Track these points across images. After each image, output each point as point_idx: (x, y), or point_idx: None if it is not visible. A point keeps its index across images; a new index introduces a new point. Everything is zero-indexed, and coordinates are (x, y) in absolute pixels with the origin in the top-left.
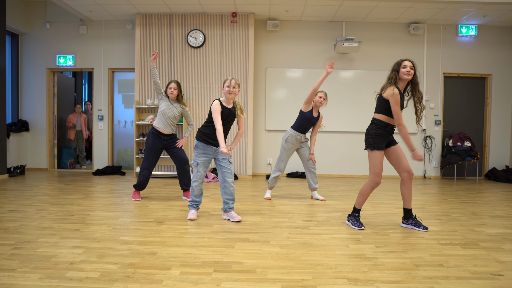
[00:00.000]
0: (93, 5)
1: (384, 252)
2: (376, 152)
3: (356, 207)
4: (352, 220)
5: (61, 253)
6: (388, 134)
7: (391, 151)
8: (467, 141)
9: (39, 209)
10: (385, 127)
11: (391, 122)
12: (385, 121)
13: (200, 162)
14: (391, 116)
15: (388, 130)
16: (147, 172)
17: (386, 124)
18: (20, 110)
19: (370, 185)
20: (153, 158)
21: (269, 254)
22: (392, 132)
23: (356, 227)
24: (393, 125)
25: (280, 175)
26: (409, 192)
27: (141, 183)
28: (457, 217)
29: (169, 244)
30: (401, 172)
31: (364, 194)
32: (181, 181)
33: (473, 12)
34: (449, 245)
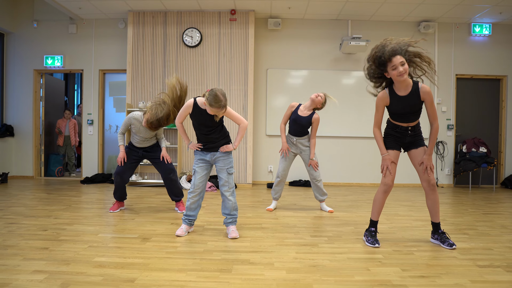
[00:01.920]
0: (83, 2)
1: (413, 277)
2: (385, 156)
3: (372, 219)
4: (367, 236)
5: (17, 281)
6: (402, 135)
7: (412, 154)
8: (482, 146)
9: (9, 222)
10: (395, 128)
11: (402, 125)
12: (393, 122)
13: (197, 169)
14: (397, 120)
15: (399, 131)
16: (120, 179)
17: (395, 125)
18: (4, 114)
19: (382, 188)
20: (126, 166)
21: (274, 280)
22: (408, 133)
23: (370, 244)
24: (406, 127)
25: (280, 181)
26: (434, 204)
27: (115, 191)
28: (486, 231)
29: (152, 268)
30: (421, 181)
31: (377, 201)
32: (169, 192)
33: (488, 8)
34: (489, 268)
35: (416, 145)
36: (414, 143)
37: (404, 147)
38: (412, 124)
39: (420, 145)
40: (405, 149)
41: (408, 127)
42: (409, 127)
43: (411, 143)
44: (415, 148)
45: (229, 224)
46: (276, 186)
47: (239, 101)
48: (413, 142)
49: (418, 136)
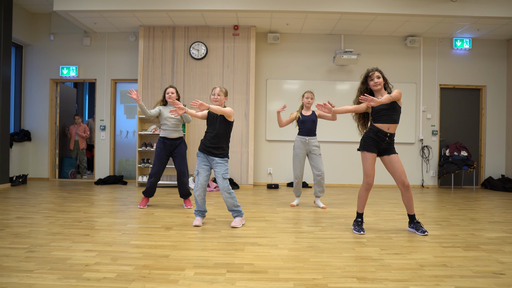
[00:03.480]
0: (98, 18)
1: (389, 254)
2: (366, 153)
3: (358, 211)
4: (354, 225)
5: (75, 256)
6: (380, 140)
7: (386, 160)
8: (463, 150)
9: (47, 216)
10: (376, 132)
11: (384, 129)
12: (377, 127)
13: (200, 170)
14: (382, 122)
15: (380, 136)
16: (154, 179)
17: (378, 129)
18: (22, 120)
19: (364, 186)
20: (159, 165)
21: (279, 256)
22: (386, 139)
23: (356, 232)
24: (386, 132)
25: (299, 181)
26: (409, 201)
27: (147, 189)
28: (456, 222)
29: (180, 248)
30: (397, 183)
31: (361, 197)
32: (179, 191)
33: (467, 26)
34: (451, 248)
35: (389, 152)
36: (388, 150)
37: (379, 152)
38: (393, 128)
39: (393, 153)
40: (379, 155)
41: (388, 133)
42: (388, 133)
43: (385, 149)
44: (387, 155)
45: (235, 217)
46: (296, 186)
47: (241, 109)
48: (387, 149)
49: (392, 144)
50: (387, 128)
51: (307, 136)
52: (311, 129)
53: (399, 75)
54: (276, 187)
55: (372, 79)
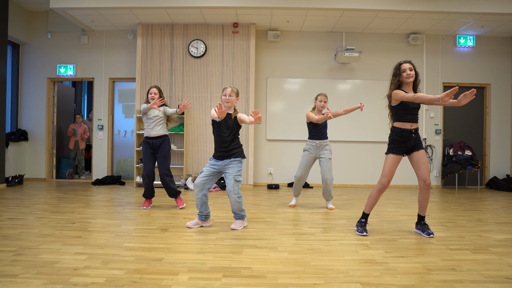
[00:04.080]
0: (95, 15)
1: (394, 257)
2: (390, 155)
3: (365, 211)
4: (357, 226)
5: (64, 259)
6: (406, 140)
7: (412, 157)
8: (467, 150)
9: (39, 217)
10: (400, 132)
11: (407, 127)
12: (399, 127)
13: (204, 169)
14: (405, 121)
15: (405, 135)
16: (147, 180)
17: (401, 130)
18: (19, 119)
19: (378, 187)
20: (149, 165)
21: (278, 259)
22: (411, 136)
23: (359, 233)
24: (410, 129)
25: (298, 180)
26: (424, 201)
27: (145, 191)
28: (463, 223)
29: (175, 251)
30: (418, 180)
31: (372, 197)
32: (166, 191)
33: (471, 23)
34: (459, 250)
35: (417, 148)
36: (416, 146)
37: (407, 151)
38: (415, 124)
39: (421, 148)
40: (408, 153)
41: (412, 129)
42: (413, 129)
43: (414, 146)
44: (417, 151)
45: (237, 219)
46: (295, 185)
47: (241, 108)
48: (415, 145)
49: (419, 140)
50: (410, 125)
51: (319, 139)
52: (323, 132)
53: None
54: (276, 187)
55: (404, 70)
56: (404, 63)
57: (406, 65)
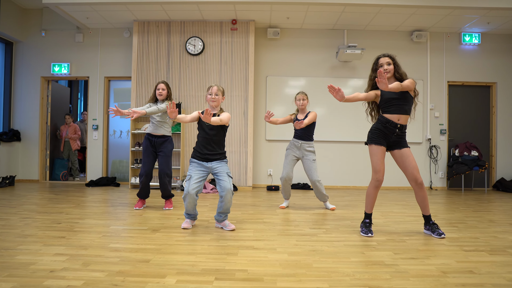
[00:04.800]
0: (90, 11)
1: (404, 259)
2: (373, 146)
3: (366, 211)
4: (362, 227)
5: (42, 261)
6: (390, 132)
7: (397, 155)
8: (474, 150)
9: (24, 217)
10: (385, 123)
11: (393, 120)
12: (386, 117)
13: (192, 175)
14: (391, 112)
15: (389, 127)
16: (145, 178)
17: (386, 120)
18: (12, 119)
19: (373, 184)
20: (149, 163)
21: (277, 261)
22: (396, 131)
23: (364, 234)
24: (396, 124)
25: (285, 181)
26: (423, 200)
27: (140, 190)
28: (474, 224)
29: (164, 252)
30: (409, 181)
31: (369, 195)
32: (161, 191)
33: (476, 19)
34: (474, 252)
35: (400, 146)
36: (398, 143)
37: (388, 145)
38: (403, 119)
39: (404, 146)
40: (389, 149)
41: (398, 124)
42: (399, 124)
43: (395, 142)
44: (398, 149)
45: (224, 220)
46: (282, 187)
47: (239, 107)
48: (398, 142)
49: (403, 137)
50: (397, 119)
51: (301, 140)
52: (306, 133)
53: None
54: (276, 189)
55: (382, 65)
56: (382, 57)
57: (384, 59)
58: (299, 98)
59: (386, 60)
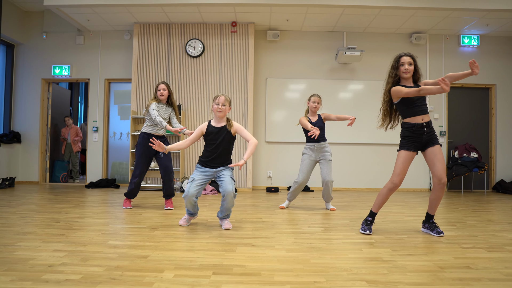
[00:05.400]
0: (91, 14)
1: (402, 255)
2: (401, 152)
3: (372, 210)
4: (362, 224)
5: (40, 256)
6: (418, 135)
7: (427, 153)
8: (473, 152)
9: (23, 216)
10: (411, 127)
11: (418, 121)
12: (409, 122)
13: (196, 177)
14: (414, 114)
15: (416, 130)
16: (139, 179)
17: (412, 124)
18: (12, 121)
19: (388, 186)
20: (145, 164)
21: (275, 257)
22: (424, 131)
23: (362, 231)
24: (422, 123)
25: (299, 186)
26: (437, 200)
27: (132, 190)
28: (473, 223)
29: (163, 248)
30: (433, 177)
31: (381, 195)
32: (164, 190)
33: (475, 21)
34: (472, 249)
35: (432, 143)
36: (430, 141)
37: (421, 147)
38: (427, 117)
39: (436, 143)
40: (422, 149)
41: (424, 123)
42: (424, 123)
43: (428, 141)
44: (431, 146)
45: (225, 218)
46: (294, 190)
47: (239, 109)
48: (430, 140)
49: (433, 134)
50: (421, 119)
51: (316, 142)
52: (320, 135)
53: None
54: (276, 190)
55: (403, 64)
56: (404, 56)
57: (406, 58)
58: (314, 100)
59: (408, 60)
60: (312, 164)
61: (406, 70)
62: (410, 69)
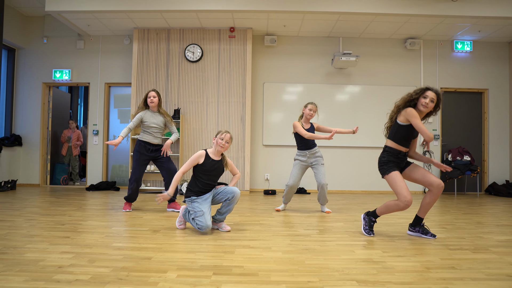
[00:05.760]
0: (91, 19)
1: (392, 257)
2: (392, 173)
3: (377, 212)
4: (366, 222)
5: (50, 258)
6: (401, 161)
7: (407, 171)
8: (466, 155)
9: (28, 218)
10: (397, 154)
11: (403, 150)
12: (397, 149)
13: (205, 210)
14: (403, 145)
15: (400, 157)
16: (135, 184)
17: (398, 151)
18: (13, 124)
19: (399, 205)
20: (141, 170)
21: (271, 258)
22: (405, 159)
23: (365, 232)
24: (405, 152)
25: (290, 189)
26: (431, 204)
27: (131, 195)
28: (462, 226)
29: (165, 250)
30: (430, 187)
31: (388, 206)
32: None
33: (468, 27)
34: (459, 250)
35: (407, 165)
36: (406, 165)
37: (400, 170)
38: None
39: (409, 164)
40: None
41: (406, 152)
42: (406, 152)
43: (405, 165)
44: (408, 166)
45: (222, 221)
46: (287, 194)
47: (237, 113)
48: (406, 164)
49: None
50: (404, 149)
51: (308, 149)
52: (311, 141)
53: (399, 78)
54: (273, 193)
55: (426, 97)
56: (430, 91)
57: (431, 93)
58: (311, 108)
59: (432, 96)
60: (303, 168)
61: (426, 105)
62: (430, 106)
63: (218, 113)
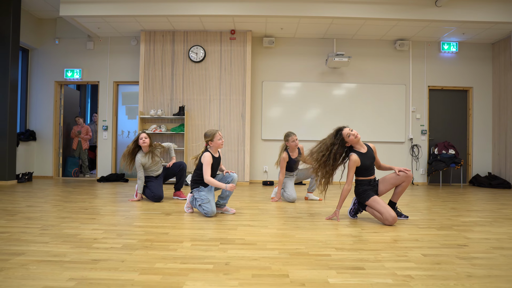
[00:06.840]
0: (101, 22)
1: (368, 233)
2: (372, 198)
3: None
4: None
5: (84, 233)
6: (373, 186)
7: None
8: (451, 149)
9: (54, 205)
10: (368, 183)
11: (372, 178)
12: (367, 179)
13: (210, 198)
14: (369, 175)
15: (372, 184)
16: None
17: (368, 180)
18: (28, 120)
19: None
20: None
21: (268, 233)
22: (376, 183)
23: (350, 214)
24: (374, 178)
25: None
26: (402, 191)
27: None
28: (437, 211)
29: (179, 228)
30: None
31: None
32: (177, 181)
33: (453, 30)
34: (426, 228)
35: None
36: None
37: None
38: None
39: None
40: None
41: (374, 178)
42: (375, 178)
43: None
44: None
45: (225, 205)
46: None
47: (237, 110)
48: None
49: None
50: (373, 177)
51: (293, 171)
52: (297, 166)
53: (389, 77)
54: (271, 183)
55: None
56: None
57: (346, 129)
58: (293, 139)
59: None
60: (293, 181)
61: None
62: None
63: (220, 110)
